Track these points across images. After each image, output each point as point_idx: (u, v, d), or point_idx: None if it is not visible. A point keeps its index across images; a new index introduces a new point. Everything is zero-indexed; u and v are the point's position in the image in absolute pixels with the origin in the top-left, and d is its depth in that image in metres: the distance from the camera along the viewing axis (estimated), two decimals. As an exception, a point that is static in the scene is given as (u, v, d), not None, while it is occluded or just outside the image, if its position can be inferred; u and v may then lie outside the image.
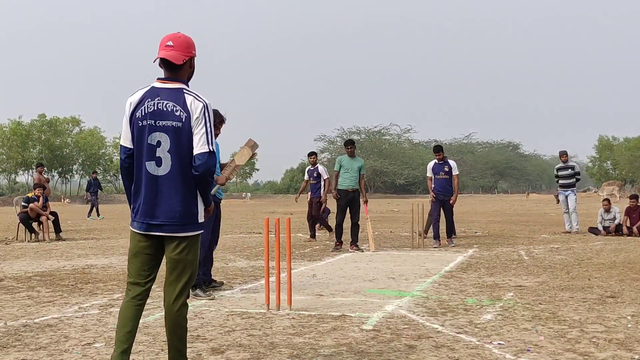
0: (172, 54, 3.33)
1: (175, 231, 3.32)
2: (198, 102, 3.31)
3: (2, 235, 14.70)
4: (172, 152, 3.28)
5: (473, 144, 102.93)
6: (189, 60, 3.41)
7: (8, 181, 69.29)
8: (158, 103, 3.30)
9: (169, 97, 3.31)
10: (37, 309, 5.63)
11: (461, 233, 14.61)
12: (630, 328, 4.66)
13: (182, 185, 3.31)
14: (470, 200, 53.36)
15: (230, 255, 10.06)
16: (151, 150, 3.30)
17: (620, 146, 79.20)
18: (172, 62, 3.33)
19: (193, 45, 3.44)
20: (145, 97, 3.34)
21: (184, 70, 3.41)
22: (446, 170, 11.24)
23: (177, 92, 3.33)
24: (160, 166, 3.30)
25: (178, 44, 3.36)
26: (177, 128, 3.28)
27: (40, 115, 66.78)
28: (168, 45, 3.35)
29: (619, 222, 13.35)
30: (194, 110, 3.29)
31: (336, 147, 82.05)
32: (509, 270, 7.92)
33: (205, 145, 3.27)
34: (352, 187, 10.59)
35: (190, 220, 3.35)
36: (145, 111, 3.31)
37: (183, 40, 3.39)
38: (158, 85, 3.37)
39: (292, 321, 5.01)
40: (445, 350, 4.08)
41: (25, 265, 8.95)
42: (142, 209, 3.34)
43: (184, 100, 3.30)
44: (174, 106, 3.29)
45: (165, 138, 3.28)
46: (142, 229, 3.36)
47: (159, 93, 3.33)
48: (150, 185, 3.32)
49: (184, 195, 3.31)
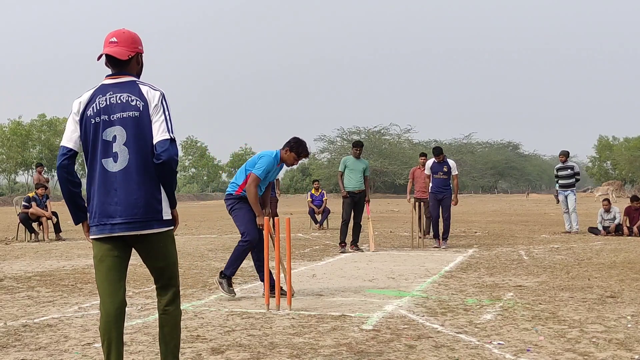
0: (116, 50, 3.20)
1: (139, 228, 3.10)
2: (155, 91, 3.17)
3: (2, 235, 14.70)
4: (129, 145, 3.10)
5: (473, 144, 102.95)
6: (135, 56, 3.27)
7: (8, 181, 69.27)
8: (110, 97, 3.14)
9: (122, 89, 3.16)
10: (37, 309, 5.63)
11: (461, 233, 14.61)
12: (630, 328, 4.66)
13: (142, 179, 3.11)
14: (470, 200, 53.37)
15: (230, 255, 10.05)
16: (106, 147, 3.12)
17: (620, 146, 79.20)
18: (117, 58, 3.19)
19: (139, 41, 3.30)
20: (96, 95, 3.18)
21: (131, 67, 3.26)
22: (445, 170, 11.23)
23: (130, 83, 3.19)
24: (117, 162, 3.11)
25: (122, 40, 3.22)
26: (134, 118, 3.11)
27: (40, 115, 66.82)
28: (112, 42, 3.22)
29: (619, 222, 13.36)
30: (152, 99, 3.14)
31: (336, 147, 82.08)
32: (509, 270, 7.92)
33: (166, 132, 3.10)
34: (358, 189, 10.60)
35: (154, 216, 3.13)
36: (97, 107, 3.15)
37: (128, 35, 3.25)
38: (108, 81, 3.23)
39: (292, 321, 5.01)
40: (445, 350, 4.08)
41: (25, 265, 8.95)
42: (99, 209, 3.13)
43: (139, 90, 3.16)
44: (128, 96, 3.14)
45: (121, 131, 3.10)
46: (103, 232, 3.13)
47: (110, 89, 3.18)
48: (107, 184, 3.12)
49: (146, 190, 3.11)
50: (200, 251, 10.69)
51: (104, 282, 3.18)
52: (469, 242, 12.29)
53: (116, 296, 3.17)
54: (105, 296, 3.17)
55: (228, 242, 12.40)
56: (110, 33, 3.26)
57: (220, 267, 8.34)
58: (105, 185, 3.13)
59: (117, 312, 3.16)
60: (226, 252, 10.51)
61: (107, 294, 3.17)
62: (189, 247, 11.50)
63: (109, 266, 3.17)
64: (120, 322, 3.17)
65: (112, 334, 3.12)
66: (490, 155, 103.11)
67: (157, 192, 3.16)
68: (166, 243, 3.23)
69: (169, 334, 3.26)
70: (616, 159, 78.65)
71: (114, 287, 3.18)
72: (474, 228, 16.40)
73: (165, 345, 3.26)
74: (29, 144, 65.12)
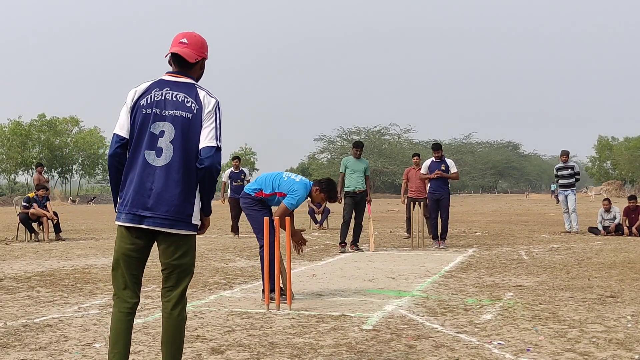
0: (185, 51, 3.24)
1: (167, 226, 3.12)
2: (211, 98, 3.22)
3: (2, 235, 14.70)
4: (175, 144, 3.13)
5: (473, 143, 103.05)
6: (200, 60, 3.33)
7: (8, 181, 69.31)
8: (167, 93, 3.19)
9: (180, 88, 3.21)
10: (37, 309, 5.63)
11: (461, 233, 14.62)
12: (630, 328, 4.66)
13: (181, 179, 3.13)
14: (470, 200, 53.37)
15: (230, 255, 10.07)
16: (152, 140, 3.14)
17: (620, 146, 79.21)
18: (185, 59, 3.24)
19: (206, 47, 3.36)
20: (153, 87, 3.22)
21: (194, 70, 3.32)
22: (443, 169, 11.22)
23: (189, 85, 3.24)
24: (160, 156, 3.13)
25: (192, 43, 3.28)
26: (186, 119, 3.14)
27: (40, 115, 66.89)
28: (182, 42, 3.27)
29: (619, 222, 13.36)
30: (207, 104, 3.18)
31: (336, 147, 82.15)
32: (509, 270, 7.92)
33: (214, 140, 3.14)
34: (359, 189, 10.60)
35: (184, 217, 3.15)
36: (151, 99, 3.18)
37: (198, 39, 3.31)
38: (167, 78, 3.27)
39: (292, 321, 5.00)
40: (445, 350, 4.08)
41: (25, 265, 8.95)
42: (132, 199, 3.13)
43: (196, 93, 3.20)
44: (185, 97, 3.18)
45: (170, 128, 3.14)
46: (132, 221, 3.14)
47: (169, 85, 3.22)
48: (145, 175, 3.13)
49: (182, 190, 3.13)
50: (200, 251, 10.68)
51: (123, 276, 3.20)
52: (469, 242, 12.29)
53: (132, 291, 3.21)
54: (121, 290, 3.20)
55: (228, 242, 12.40)
56: (181, 34, 3.31)
57: (220, 267, 8.36)
58: (143, 177, 3.13)
59: (131, 306, 3.20)
60: (226, 252, 10.52)
61: (123, 288, 3.20)
62: (189, 247, 11.48)
63: (130, 261, 3.19)
64: (132, 317, 3.21)
65: (122, 325, 3.16)
66: (490, 155, 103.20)
67: (191, 196, 3.17)
68: (189, 244, 3.23)
69: (172, 337, 3.22)
70: (616, 158, 78.64)
71: (132, 282, 3.21)
72: (474, 228, 16.41)
73: (167, 348, 3.21)
74: (29, 144, 65.16)
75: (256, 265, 8.64)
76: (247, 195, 6.09)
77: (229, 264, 8.91)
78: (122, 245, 3.19)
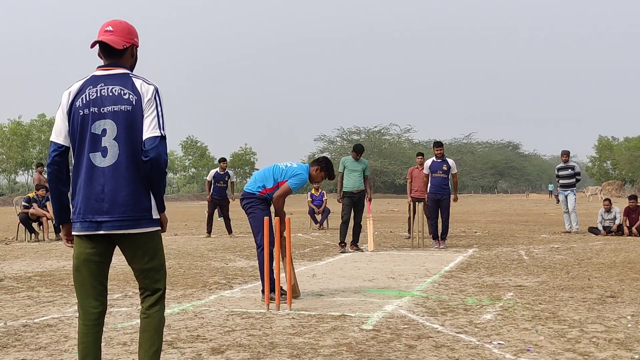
0: (111, 39, 3.06)
1: (127, 227, 2.95)
2: (148, 85, 3.04)
3: (2, 235, 14.70)
4: (119, 140, 2.96)
5: (473, 144, 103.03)
6: (130, 47, 3.14)
7: (8, 181, 69.34)
8: (102, 89, 3.01)
9: (115, 81, 3.02)
10: (37, 309, 5.63)
11: (461, 233, 14.62)
12: (630, 328, 4.66)
13: (132, 176, 2.96)
14: (470, 200, 53.37)
15: (230, 255, 10.07)
16: (95, 141, 2.97)
17: (620, 146, 79.20)
18: (112, 46, 3.05)
19: (135, 33, 3.17)
20: (87, 85, 3.04)
21: (125, 58, 3.13)
22: (444, 169, 11.21)
23: (124, 76, 3.06)
24: (105, 157, 2.96)
25: (119, 29, 3.10)
26: (126, 112, 2.97)
27: (40, 115, 66.88)
28: (107, 31, 3.09)
29: (620, 222, 13.36)
30: (145, 93, 3.01)
31: (336, 147, 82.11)
32: (509, 270, 7.92)
33: (157, 129, 2.96)
34: (357, 189, 10.60)
35: (144, 214, 2.98)
36: (87, 99, 3.01)
37: (124, 26, 3.14)
38: (99, 73, 3.09)
39: (292, 321, 5.01)
40: (445, 350, 4.08)
41: (25, 265, 8.96)
42: (84, 205, 2.97)
43: (132, 83, 3.03)
44: (121, 89, 3.00)
45: (112, 125, 2.96)
46: (88, 229, 2.97)
47: (102, 80, 3.04)
48: (94, 179, 2.96)
49: (136, 187, 2.97)
50: (200, 251, 10.69)
51: (85, 285, 3.05)
52: (469, 242, 12.29)
53: (96, 300, 3.07)
54: (84, 299, 3.06)
55: (228, 242, 12.40)
56: (106, 22, 3.14)
57: (220, 267, 8.36)
58: (91, 181, 2.97)
59: (96, 316, 3.07)
60: (226, 252, 10.52)
61: (86, 297, 3.06)
62: (189, 247, 11.50)
63: (91, 269, 3.03)
64: (99, 327, 3.09)
65: (89, 338, 3.04)
66: (490, 155, 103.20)
67: (147, 190, 3.02)
68: (154, 243, 3.08)
69: (150, 338, 3.06)
70: (616, 159, 78.63)
71: (96, 291, 3.07)
72: (474, 228, 16.41)
73: (145, 351, 3.05)
74: (29, 144, 65.19)
75: (256, 265, 8.64)
76: (251, 194, 6.04)
77: (229, 264, 8.91)
78: (82, 251, 3.03)
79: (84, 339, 3.04)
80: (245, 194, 6.12)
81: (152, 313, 3.09)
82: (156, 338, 3.08)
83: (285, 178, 5.95)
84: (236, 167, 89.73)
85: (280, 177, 5.98)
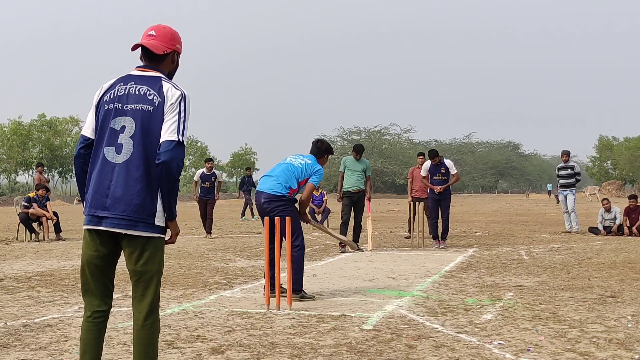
0: (153, 43, 3.08)
1: (125, 227, 2.90)
2: (176, 90, 3.02)
3: (2, 235, 14.70)
4: (135, 139, 2.94)
5: (473, 144, 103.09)
6: (171, 53, 3.16)
7: (8, 181, 69.38)
8: (130, 87, 3.02)
9: (144, 82, 3.04)
10: (37, 308, 5.63)
11: (461, 233, 14.62)
12: (631, 328, 4.66)
13: (142, 176, 2.92)
14: (470, 200, 53.37)
15: (230, 255, 10.07)
16: (113, 136, 2.97)
17: (621, 146, 79.22)
18: (152, 51, 3.08)
19: (178, 39, 3.19)
20: (118, 82, 3.08)
21: (165, 63, 3.15)
22: (442, 171, 11.22)
23: (155, 78, 3.06)
24: (119, 153, 2.94)
25: (161, 34, 3.12)
26: (146, 112, 2.95)
27: (40, 115, 66.95)
28: (150, 35, 3.11)
29: (620, 222, 13.35)
30: (170, 97, 2.99)
31: (336, 147, 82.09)
32: (509, 270, 7.92)
33: (175, 133, 2.91)
34: (356, 188, 10.59)
35: (145, 218, 2.91)
36: (114, 94, 3.03)
37: (167, 31, 3.15)
38: (134, 72, 3.12)
39: (292, 321, 5.01)
40: (445, 350, 4.08)
41: (26, 265, 8.96)
42: (91, 199, 2.96)
43: (160, 86, 3.02)
44: (147, 90, 3.00)
45: (131, 122, 2.95)
46: (90, 223, 2.96)
47: (134, 79, 3.07)
48: (104, 173, 2.95)
49: (142, 188, 2.91)
50: (200, 251, 10.69)
51: (88, 284, 3.05)
52: (469, 242, 12.29)
53: (99, 300, 3.06)
54: (88, 297, 3.06)
55: (228, 242, 12.40)
56: (150, 27, 3.16)
57: (220, 267, 8.35)
58: (101, 175, 2.96)
59: (98, 315, 3.05)
60: (226, 252, 10.52)
61: (90, 296, 3.06)
62: (189, 247, 11.50)
63: (93, 271, 3.02)
64: (101, 325, 3.06)
65: (90, 335, 3.03)
66: (490, 155, 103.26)
67: (154, 194, 2.95)
68: (153, 251, 2.98)
69: (144, 352, 2.96)
70: (616, 158, 78.65)
71: (99, 292, 3.05)
72: (474, 228, 16.40)
73: None
74: (29, 144, 65.22)
75: (256, 265, 8.65)
76: (281, 196, 5.99)
77: (229, 264, 8.91)
78: (86, 252, 3.03)
79: (85, 336, 3.03)
80: (271, 195, 6.01)
81: (147, 323, 2.97)
82: (151, 349, 2.98)
83: (305, 176, 6.12)
84: (236, 167, 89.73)
85: (301, 176, 6.11)
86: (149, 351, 2.97)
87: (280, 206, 5.98)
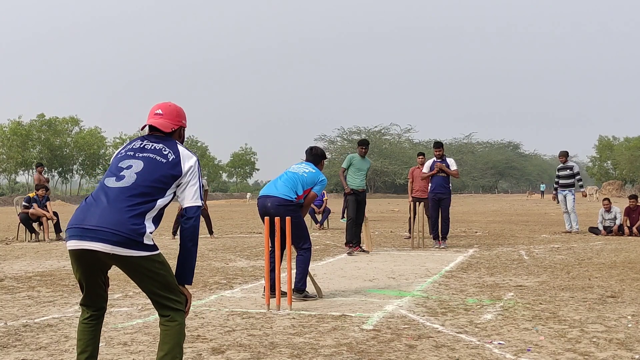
0: (160, 122, 3.23)
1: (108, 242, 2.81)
2: (191, 155, 3.17)
3: (2, 235, 14.70)
4: (139, 174, 3.01)
5: (473, 143, 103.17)
6: (178, 129, 3.32)
7: (8, 181, 69.41)
8: (147, 144, 3.17)
9: (161, 141, 3.19)
10: (38, 308, 5.64)
11: (461, 233, 14.62)
12: (631, 328, 4.66)
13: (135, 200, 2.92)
14: (470, 200, 53.38)
15: (230, 255, 10.07)
16: (118, 170, 3.05)
17: (621, 146, 79.25)
18: (160, 129, 3.23)
19: (183, 115, 3.34)
20: (135, 140, 3.24)
21: (173, 138, 3.29)
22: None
23: (171, 140, 3.22)
24: (119, 181, 2.99)
25: (167, 113, 3.27)
26: (158, 161, 3.07)
27: (39, 115, 66.96)
28: (157, 114, 3.26)
29: (620, 222, 13.36)
30: (187, 158, 3.12)
31: (336, 147, 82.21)
32: (509, 270, 7.92)
33: (198, 199, 3.11)
34: (361, 188, 10.56)
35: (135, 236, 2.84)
36: (130, 147, 3.18)
37: (173, 109, 3.31)
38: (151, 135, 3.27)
39: (292, 321, 5.01)
40: (445, 350, 4.08)
41: (26, 265, 8.96)
42: (76, 216, 2.95)
43: (177, 148, 3.16)
44: (163, 147, 3.14)
45: (139, 164, 3.05)
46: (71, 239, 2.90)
47: (149, 138, 3.22)
48: (98, 195, 2.97)
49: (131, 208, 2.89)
50: (200, 251, 10.69)
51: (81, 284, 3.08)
52: (470, 242, 12.29)
53: (93, 299, 3.10)
54: (84, 297, 3.11)
55: (228, 242, 12.41)
56: (156, 105, 3.32)
57: (220, 267, 8.36)
58: (96, 196, 2.98)
59: (92, 313, 3.11)
60: (226, 252, 10.52)
61: (84, 295, 3.10)
62: (189, 247, 11.48)
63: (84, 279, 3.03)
64: (96, 323, 3.12)
65: (85, 335, 3.10)
66: (490, 155, 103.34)
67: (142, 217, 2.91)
68: (153, 268, 2.94)
69: (171, 351, 2.96)
70: (616, 158, 78.67)
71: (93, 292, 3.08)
72: (474, 228, 16.41)
73: None
74: (29, 144, 65.24)
75: (256, 265, 8.66)
76: (290, 201, 6.10)
77: (230, 264, 8.91)
78: (75, 270, 3.01)
79: (82, 337, 3.12)
80: (281, 200, 6.08)
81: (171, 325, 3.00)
82: (176, 351, 2.97)
83: (310, 185, 6.34)
84: (236, 167, 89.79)
85: (306, 185, 6.30)
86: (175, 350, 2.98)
87: (290, 211, 6.05)
